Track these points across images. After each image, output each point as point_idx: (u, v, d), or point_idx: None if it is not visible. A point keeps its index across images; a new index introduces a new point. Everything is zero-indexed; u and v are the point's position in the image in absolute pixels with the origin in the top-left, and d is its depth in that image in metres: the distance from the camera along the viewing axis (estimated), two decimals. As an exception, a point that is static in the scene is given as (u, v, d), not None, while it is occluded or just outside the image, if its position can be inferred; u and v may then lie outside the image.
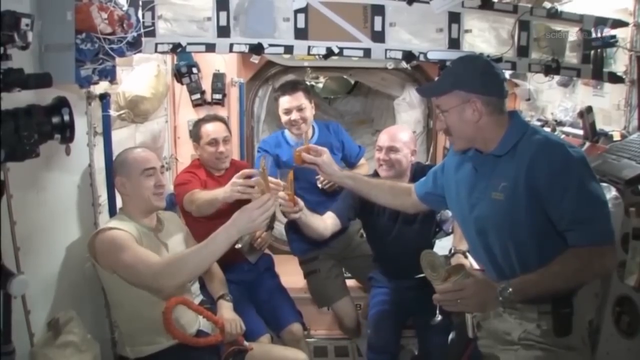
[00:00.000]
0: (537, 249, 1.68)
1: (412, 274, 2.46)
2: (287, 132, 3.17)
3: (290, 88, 3.03)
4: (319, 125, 3.23)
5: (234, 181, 2.39)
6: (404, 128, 2.90)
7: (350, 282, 3.56)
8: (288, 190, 2.23)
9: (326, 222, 2.63)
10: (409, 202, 2.20)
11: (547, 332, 1.70)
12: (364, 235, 3.18)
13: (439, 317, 2.08)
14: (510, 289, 1.58)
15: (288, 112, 3.02)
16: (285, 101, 3.02)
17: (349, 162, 3.30)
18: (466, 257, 2.46)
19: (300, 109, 3.01)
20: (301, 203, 2.31)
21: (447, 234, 2.91)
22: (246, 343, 2.38)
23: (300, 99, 3.01)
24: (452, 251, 2.51)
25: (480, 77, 1.72)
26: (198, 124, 2.96)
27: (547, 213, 1.63)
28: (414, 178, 2.70)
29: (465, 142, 1.80)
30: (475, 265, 2.24)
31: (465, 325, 1.93)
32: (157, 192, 2.22)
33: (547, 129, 2.93)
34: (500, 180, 1.70)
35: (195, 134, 2.95)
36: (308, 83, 3.93)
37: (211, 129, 2.87)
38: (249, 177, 2.38)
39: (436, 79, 1.91)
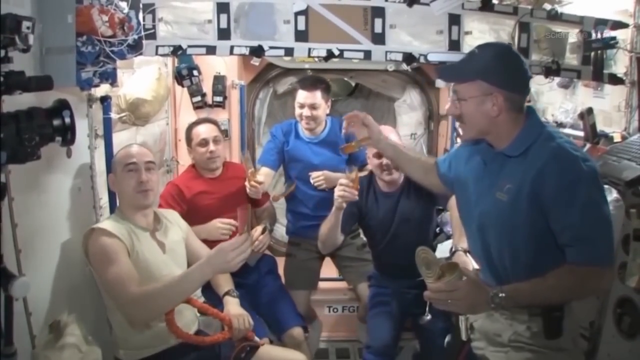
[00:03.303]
0: (533, 256, 1.66)
1: (410, 274, 2.46)
2: (299, 122, 3.21)
3: (310, 84, 3.06)
4: (332, 122, 3.24)
5: (218, 225, 2.75)
6: (390, 128, 2.85)
7: (342, 284, 3.58)
8: (355, 182, 2.42)
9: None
10: (437, 180, 2.14)
11: (537, 334, 1.69)
12: (360, 234, 3.18)
13: (428, 316, 2.07)
14: (502, 295, 1.56)
15: (302, 106, 3.07)
16: (301, 96, 3.06)
17: (356, 163, 3.28)
18: (467, 255, 2.45)
19: (314, 107, 3.05)
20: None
21: (448, 237, 2.90)
22: (257, 338, 2.35)
23: (316, 97, 3.04)
24: (453, 249, 2.50)
25: (508, 71, 1.64)
26: (190, 127, 2.98)
27: (549, 224, 1.60)
28: (408, 178, 2.72)
29: (477, 133, 1.74)
30: (475, 265, 2.23)
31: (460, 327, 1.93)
32: (140, 189, 2.16)
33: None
34: (506, 182, 1.67)
35: (187, 137, 2.97)
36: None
37: (201, 130, 2.88)
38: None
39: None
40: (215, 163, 2.89)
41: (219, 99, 3.81)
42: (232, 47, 2.42)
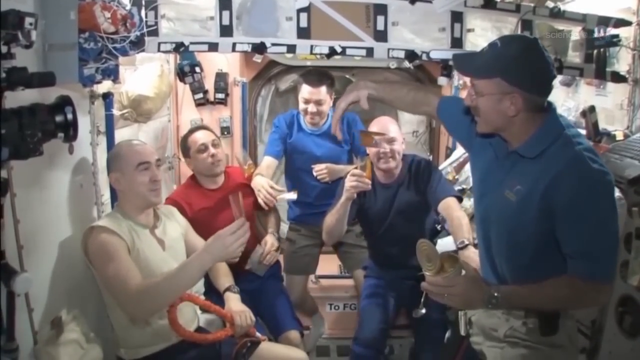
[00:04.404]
0: (531, 259, 1.65)
1: (404, 265, 2.45)
2: (301, 115, 3.22)
3: (316, 80, 3.05)
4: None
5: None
6: (389, 119, 2.85)
7: (349, 282, 3.59)
8: (367, 171, 2.47)
9: None
10: (429, 111, 2.04)
11: (532, 330, 1.68)
12: (358, 223, 3.19)
13: (422, 310, 2.07)
14: (498, 295, 1.55)
15: (307, 102, 3.07)
16: (306, 91, 3.06)
17: (358, 154, 3.29)
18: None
19: (319, 103, 3.07)
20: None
21: (449, 233, 2.90)
22: (258, 334, 2.35)
23: (321, 94, 3.05)
24: (466, 243, 2.38)
25: (530, 71, 1.54)
26: (184, 137, 2.91)
27: (555, 232, 1.57)
28: (409, 171, 2.75)
29: (492, 129, 1.66)
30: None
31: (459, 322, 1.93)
32: (153, 187, 2.16)
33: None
34: (517, 182, 1.62)
35: (183, 147, 2.89)
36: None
37: (199, 136, 2.82)
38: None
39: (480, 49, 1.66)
40: (219, 167, 2.84)
41: (221, 96, 3.80)
42: (234, 44, 2.41)
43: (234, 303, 2.37)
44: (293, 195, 3.04)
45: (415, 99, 2.04)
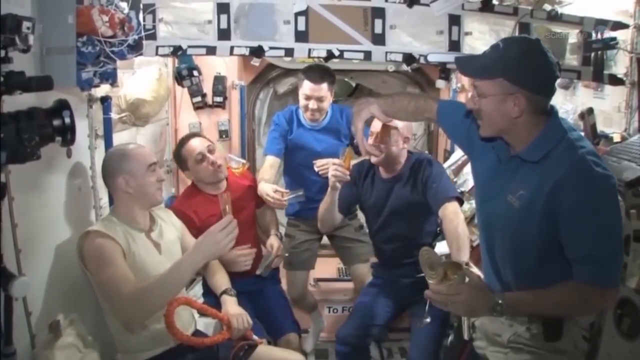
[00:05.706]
0: (537, 263, 1.64)
1: (402, 265, 2.43)
2: (301, 111, 3.22)
3: (318, 77, 3.04)
4: (333, 110, 3.25)
5: (239, 256, 2.63)
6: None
7: (347, 285, 3.59)
8: (346, 162, 2.51)
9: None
10: (430, 117, 2.04)
11: (536, 336, 1.67)
12: (358, 216, 3.19)
13: (427, 319, 2.05)
14: (502, 302, 1.55)
15: (308, 98, 3.07)
16: (307, 87, 3.05)
17: (357, 151, 3.28)
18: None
19: (320, 100, 3.07)
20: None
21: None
22: (255, 337, 2.35)
23: (323, 90, 3.05)
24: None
25: (533, 71, 1.53)
26: (177, 151, 2.84)
27: (559, 237, 1.56)
28: (411, 168, 2.71)
29: (495, 132, 1.65)
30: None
31: (462, 326, 1.93)
32: (160, 187, 2.20)
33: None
34: (520, 187, 1.61)
35: (180, 161, 2.82)
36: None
37: (193, 145, 2.75)
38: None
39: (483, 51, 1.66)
40: (222, 172, 2.78)
41: (219, 99, 3.81)
42: (232, 48, 2.42)
43: (231, 306, 2.36)
44: (301, 197, 3.03)
45: (417, 107, 2.05)
